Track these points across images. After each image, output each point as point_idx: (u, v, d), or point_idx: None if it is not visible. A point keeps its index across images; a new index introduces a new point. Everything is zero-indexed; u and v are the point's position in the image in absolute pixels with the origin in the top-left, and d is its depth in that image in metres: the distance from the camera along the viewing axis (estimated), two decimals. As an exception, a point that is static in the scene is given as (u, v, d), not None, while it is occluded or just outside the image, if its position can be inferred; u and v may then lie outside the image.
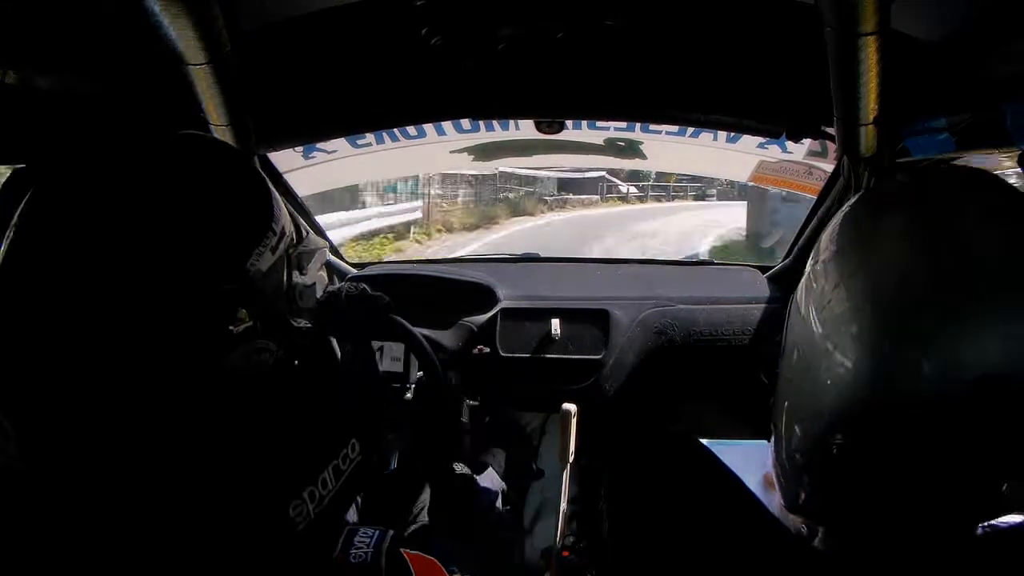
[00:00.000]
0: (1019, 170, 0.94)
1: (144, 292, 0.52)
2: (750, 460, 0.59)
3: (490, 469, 1.13)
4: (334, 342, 1.24)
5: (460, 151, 1.86)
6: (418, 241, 10.74)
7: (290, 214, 0.69)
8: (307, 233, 0.70)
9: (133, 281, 0.52)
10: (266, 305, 0.59)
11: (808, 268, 0.51)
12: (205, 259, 0.55)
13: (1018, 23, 0.81)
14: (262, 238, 0.58)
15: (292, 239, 0.65)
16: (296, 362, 0.68)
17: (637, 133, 1.76)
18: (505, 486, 1.12)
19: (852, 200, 0.53)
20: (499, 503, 1.07)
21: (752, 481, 0.56)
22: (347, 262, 1.77)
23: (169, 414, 0.53)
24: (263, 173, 0.66)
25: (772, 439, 0.55)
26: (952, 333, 0.41)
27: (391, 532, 0.60)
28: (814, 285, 0.49)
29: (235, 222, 0.58)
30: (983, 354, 0.40)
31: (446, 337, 1.46)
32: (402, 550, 0.58)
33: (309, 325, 0.69)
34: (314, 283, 0.70)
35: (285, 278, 0.64)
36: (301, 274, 0.67)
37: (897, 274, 0.44)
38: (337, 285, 0.97)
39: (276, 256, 0.60)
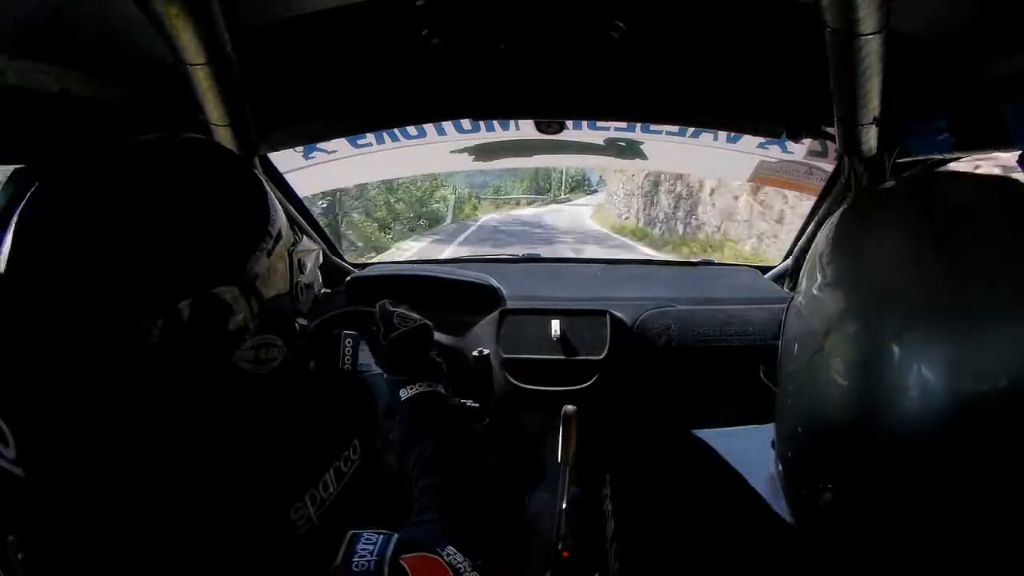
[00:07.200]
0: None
1: (143, 294, 0.52)
2: (745, 446, 0.59)
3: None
4: (346, 342, 1.23)
5: (460, 151, 1.86)
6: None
7: (288, 215, 0.69)
8: (302, 236, 0.70)
9: (131, 283, 0.52)
10: (267, 306, 0.59)
11: (806, 265, 0.51)
12: (202, 261, 0.55)
13: (1018, 23, 0.81)
14: (260, 241, 0.59)
15: (291, 240, 0.65)
16: (304, 363, 0.68)
17: (638, 133, 1.76)
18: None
19: (850, 199, 0.52)
20: None
21: (749, 468, 0.56)
22: (347, 262, 1.77)
23: (170, 416, 0.52)
24: (261, 176, 0.67)
25: (775, 435, 0.55)
26: (943, 347, 0.39)
27: (395, 537, 0.59)
28: (811, 283, 0.49)
29: (232, 225, 0.58)
30: (981, 368, 0.39)
31: (446, 338, 1.46)
32: (401, 558, 0.57)
33: (307, 324, 0.69)
34: (312, 283, 0.71)
35: (288, 278, 0.64)
36: (302, 273, 0.67)
37: (888, 281, 0.43)
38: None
39: (274, 257, 0.61)
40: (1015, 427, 0.38)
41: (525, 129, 1.65)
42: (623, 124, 1.68)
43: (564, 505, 1.00)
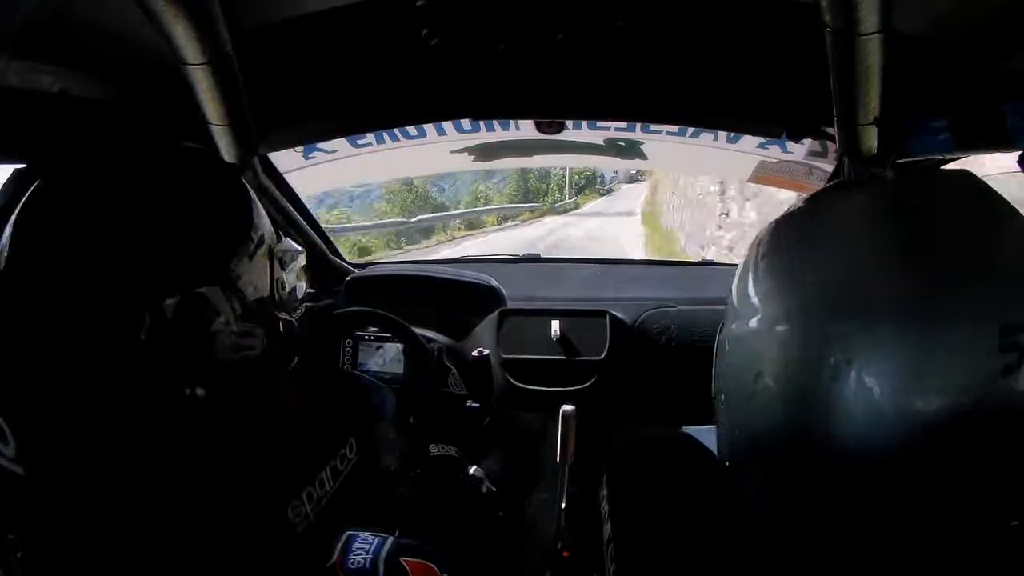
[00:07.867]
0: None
1: (131, 292, 0.53)
2: None
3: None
4: (345, 343, 1.24)
5: (460, 151, 1.86)
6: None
7: (288, 215, 0.69)
8: (286, 239, 0.72)
9: (120, 281, 0.53)
10: (249, 305, 0.60)
11: (741, 263, 0.49)
12: (187, 262, 0.56)
13: (1018, 23, 0.81)
14: (242, 244, 0.61)
15: (274, 243, 0.67)
16: (288, 359, 0.69)
17: (637, 133, 1.75)
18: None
19: (797, 203, 0.51)
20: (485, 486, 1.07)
21: None
22: (347, 262, 1.77)
23: (167, 414, 0.53)
24: (260, 176, 0.68)
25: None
26: (882, 354, 0.36)
27: (391, 539, 0.59)
28: (744, 283, 0.47)
29: (216, 228, 0.60)
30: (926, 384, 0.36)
31: (446, 338, 1.46)
32: (402, 559, 0.58)
33: (291, 320, 0.70)
34: (296, 284, 0.72)
35: (270, 279, 0.66)
36: (284, 274, 0.69)
37: (829, 283, 0.40)
38: None
39: (256, 259, 0.62)
40: (962, 447, 0.36)
41: (525, 129, 1.64)
42: (623, 124, 1.68)
43: (564, 505, 1.00)
